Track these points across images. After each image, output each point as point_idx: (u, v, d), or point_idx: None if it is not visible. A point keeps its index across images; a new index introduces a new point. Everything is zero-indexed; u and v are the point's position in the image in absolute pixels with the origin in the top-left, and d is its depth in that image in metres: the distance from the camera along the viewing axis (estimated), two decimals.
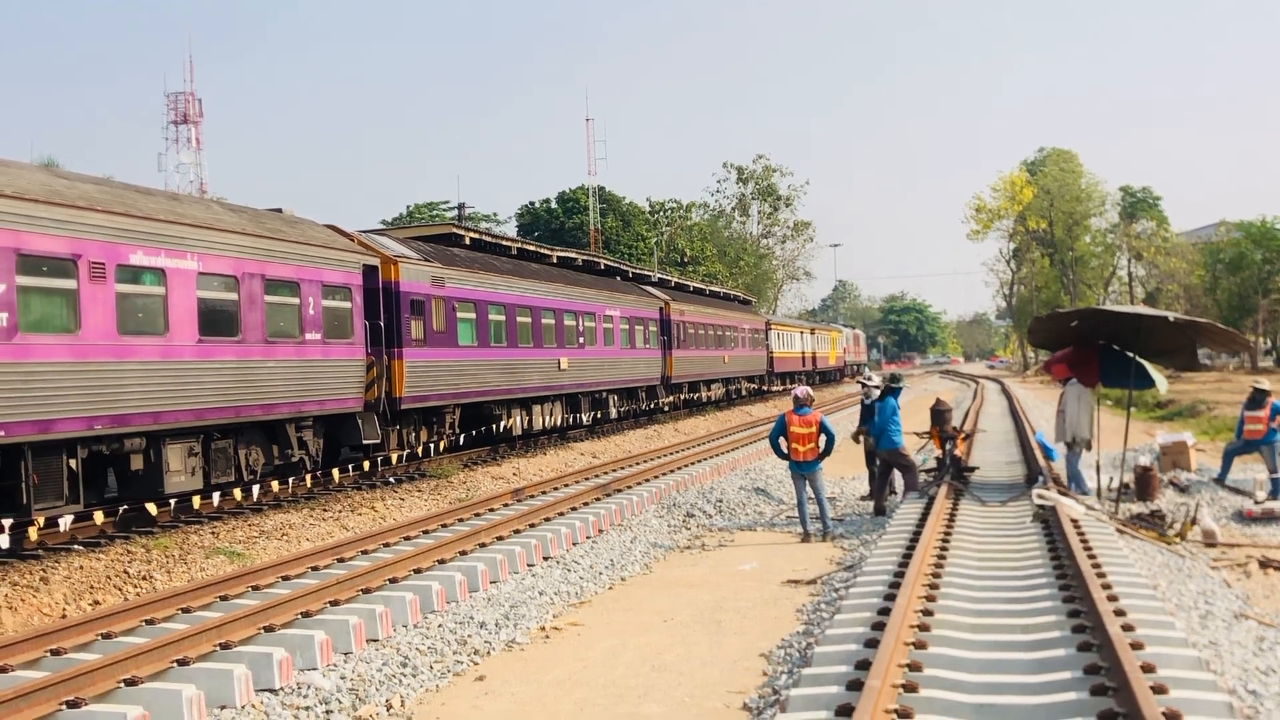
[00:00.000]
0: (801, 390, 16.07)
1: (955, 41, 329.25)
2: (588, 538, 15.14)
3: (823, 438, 15.59)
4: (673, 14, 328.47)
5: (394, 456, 21.23)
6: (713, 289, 54.05)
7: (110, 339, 14.05)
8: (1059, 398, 17.44)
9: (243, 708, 8.16)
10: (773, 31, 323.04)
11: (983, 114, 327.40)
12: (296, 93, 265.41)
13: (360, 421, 19.69)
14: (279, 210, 19.83)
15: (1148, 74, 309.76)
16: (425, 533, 14.94)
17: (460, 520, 15.92)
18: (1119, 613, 8.59)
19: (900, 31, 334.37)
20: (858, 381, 19.93)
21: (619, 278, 38.49)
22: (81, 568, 12.87)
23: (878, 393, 18.43)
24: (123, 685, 8.14)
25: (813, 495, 15.66)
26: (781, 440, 15.83)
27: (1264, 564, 12.72)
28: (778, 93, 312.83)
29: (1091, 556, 10.77)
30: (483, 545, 13.64)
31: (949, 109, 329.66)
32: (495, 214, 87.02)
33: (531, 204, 79.77)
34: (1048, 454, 19.42)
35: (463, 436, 24.04)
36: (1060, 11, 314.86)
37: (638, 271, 42.50)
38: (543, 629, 10.71)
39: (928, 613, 9.11)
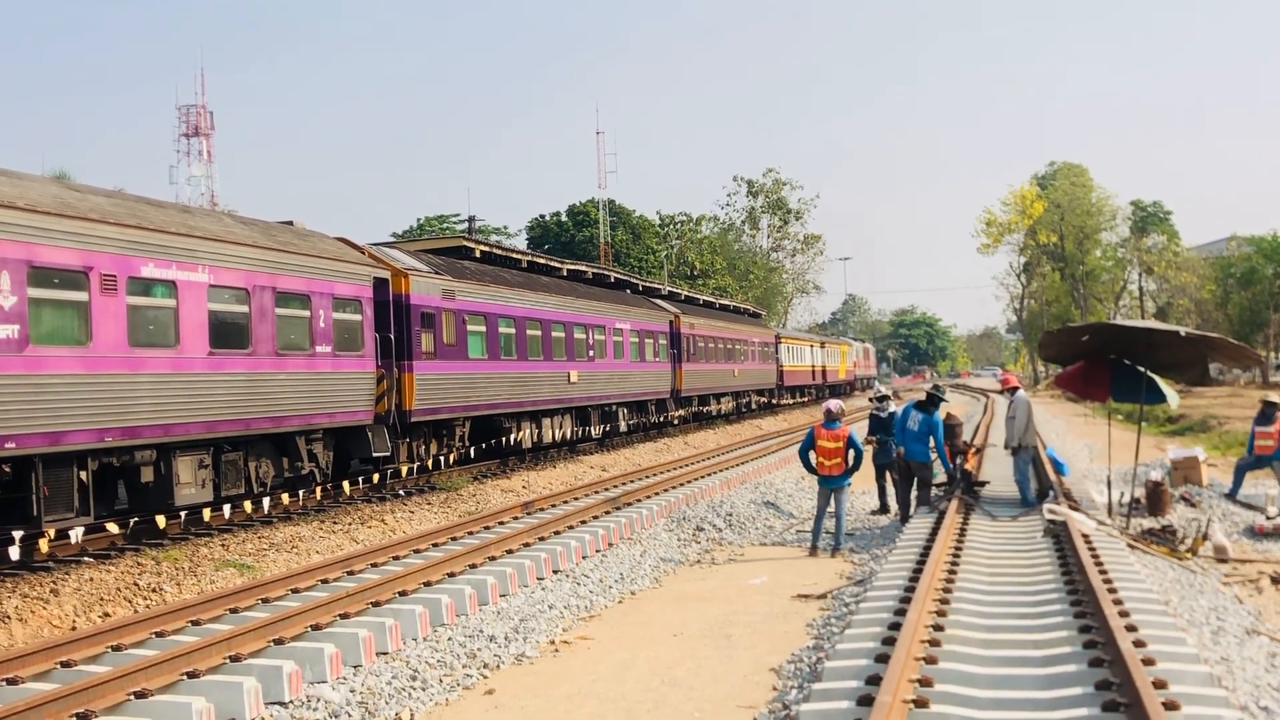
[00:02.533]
0: (833, 404, 16.03)
1: (965, 55, 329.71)
2: (597, 551, 15.13)
3: (850, 453, 15.55)
4: (683, 28, 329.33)
5: (404, 469, 21.24)
6: (722, 302, 54.04)
7: (121, 351, 14.09)
8: (1008, 406, 17.41)
9: None
10: (783, 46, 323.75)
11: (993, 128, 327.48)
12: (307, 106, 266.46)
13: (370, 434, 19.70)
14: (290, 223, 19.90)
15: (1158, 88, 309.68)
16: (435, 545, 14.94)
17: (470, 533, 15.92)
18: (1130, 628, 8.57)
19: (909, 46, 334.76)
20: (871, 398, 19.76)
21: (629, 291, 38.52)
22: (91, 580, 12.89)
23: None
24: (132, 698, 8.15)
25: (833, 510, 15.61)
26: (811, 454, 15.81)
27: (1276, 580, 12.68)
28: (788, 107, 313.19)
29: (1103, 571, 10.74)
30: (492, 558, 13.64)
31: (959, 122, 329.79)
32: (505, 227, 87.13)
33: (542, 217, 79.89)
34: (1059, 469, 19.36)
35: (472, 449, 24.05)
36: (1069, 26, 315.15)
37: (647, 285, 42.51)
38: (552, 643, 10.70)
39: (938, 628, 9.09)
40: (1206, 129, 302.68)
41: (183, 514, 15.82)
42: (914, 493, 16.70)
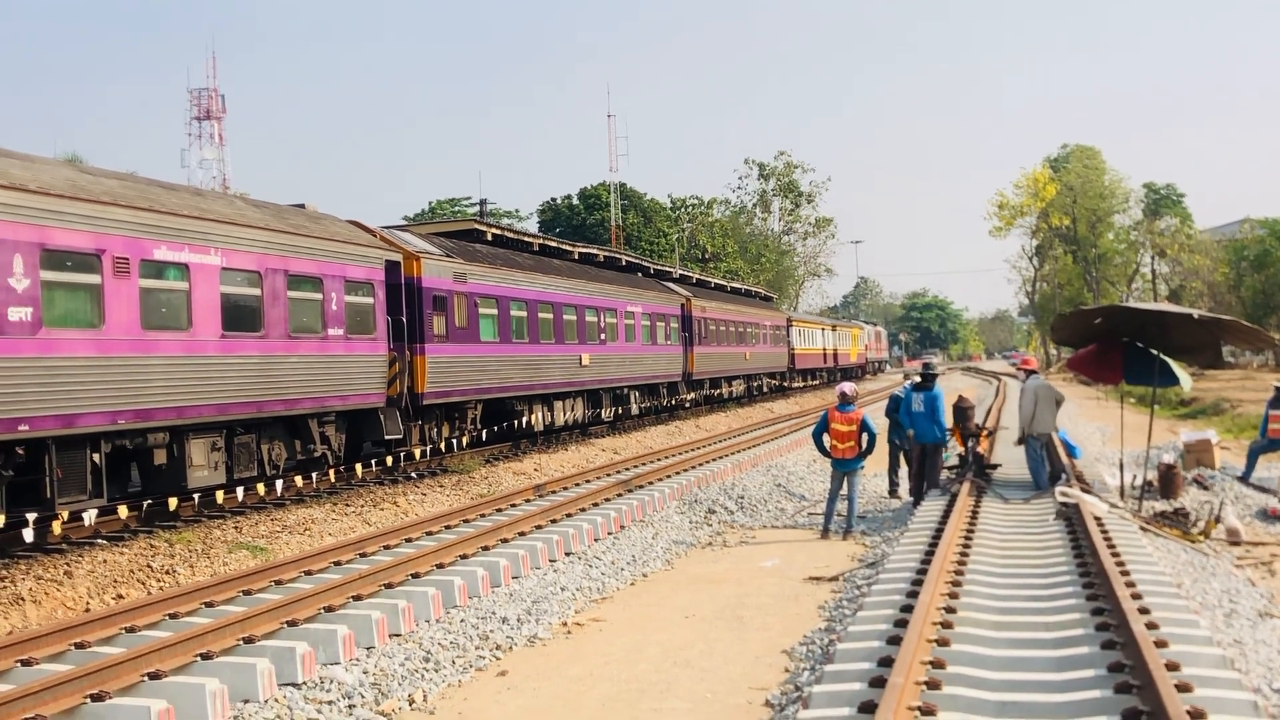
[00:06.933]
0: (848, 386, 15.92)
1: (979, 36, 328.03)
2: (609, 534, 15.15)
3: (864, 436, 15.51)
4: (695, 10, 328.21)
5: (416, 452, 21.27)
6: (734, 285, 53.98)
7: (134, 334, 14.12)
8: (1021, 391, 17.29)
9: (266, 702, 8.20)
10: (795, 27, 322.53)
11: (1007, 110, 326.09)
12: (319, 89, 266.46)
13: (382, 417, 19.73)
14: (302, 206, 19.91)
15: (1171, 71, 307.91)
16: (447, 528, 14.98)
17: (482, 515, 15.95)
18: (1143, 610, 8.55)
19: (923, 25, 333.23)
20: (914, 374, 19.20)
21: (640, 274, 38.48)
22: (105, 562, 12.94)
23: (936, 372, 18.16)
24: (146, 679, 8.18)
25: (845, 493, 15.58)
26: (825, 436, 15.77)
27: None
28: (800, 89, 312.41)
29: (1115, 554, 10.72)
30: (504, 541, 13.66)
31: (973, 105, 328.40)
32: (517, 210, 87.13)
33: (553, 200, 79.76)
34: (1071, 452, 19.30)
35: (484, 432, 24.08)
36: (1085, 8, 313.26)
37: (659, 268, 42.47)
38: (564, 624, 10.72)
39: (951, 610, 9.08)
40: (1221, 112, 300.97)
41: (195, 496, 15.88)
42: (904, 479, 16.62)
